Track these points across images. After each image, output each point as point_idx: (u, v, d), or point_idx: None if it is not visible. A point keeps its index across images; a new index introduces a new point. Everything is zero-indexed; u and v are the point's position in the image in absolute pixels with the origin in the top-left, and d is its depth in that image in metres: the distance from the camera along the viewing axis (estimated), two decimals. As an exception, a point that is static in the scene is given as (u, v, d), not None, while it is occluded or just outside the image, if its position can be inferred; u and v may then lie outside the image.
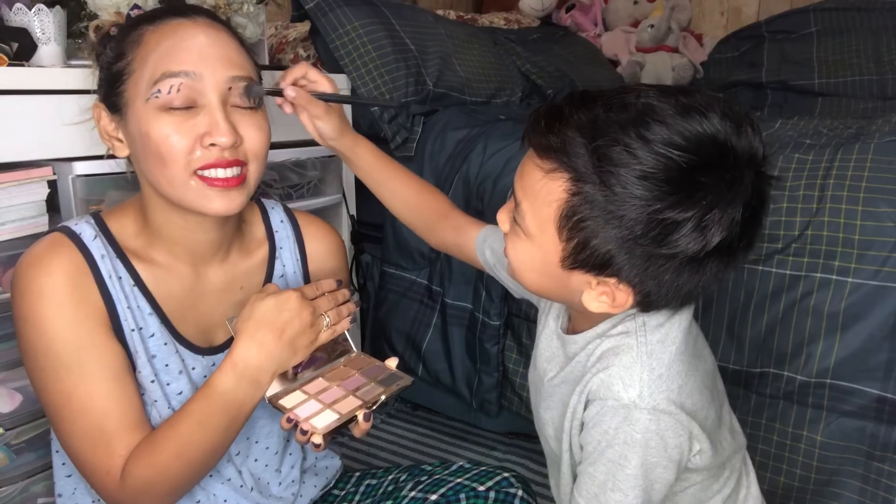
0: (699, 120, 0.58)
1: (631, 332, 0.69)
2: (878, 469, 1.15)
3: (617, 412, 0.66)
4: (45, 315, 0.72)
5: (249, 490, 0.87)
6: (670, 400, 0.66)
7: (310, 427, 0.74)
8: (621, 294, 0.65)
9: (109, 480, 0.74)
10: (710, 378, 0.75)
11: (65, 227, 0.78)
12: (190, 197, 0.74)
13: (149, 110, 0.73)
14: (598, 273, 0.64)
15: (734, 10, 2.91)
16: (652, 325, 0.69)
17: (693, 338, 0.72)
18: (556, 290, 0.69)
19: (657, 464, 0.67)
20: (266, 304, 0.75)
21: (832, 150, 1.24)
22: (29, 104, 0.96)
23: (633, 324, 0.69)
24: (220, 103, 0.74)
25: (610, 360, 0.68)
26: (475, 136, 1.60)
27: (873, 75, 2.13)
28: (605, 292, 0.65)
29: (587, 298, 0.66)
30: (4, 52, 0.98)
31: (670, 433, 0.66)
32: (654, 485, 0.67)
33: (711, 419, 0.71)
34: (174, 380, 0.80)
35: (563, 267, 0.65)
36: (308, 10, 1.69)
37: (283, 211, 0.95)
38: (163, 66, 0.73)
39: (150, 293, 0.80)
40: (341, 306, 0.82)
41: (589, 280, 0.65)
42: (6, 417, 0.95)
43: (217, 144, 0.73)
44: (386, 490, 0.94)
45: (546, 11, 2.80)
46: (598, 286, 0.65)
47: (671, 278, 0.62)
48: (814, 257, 1.18)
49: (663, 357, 0.67)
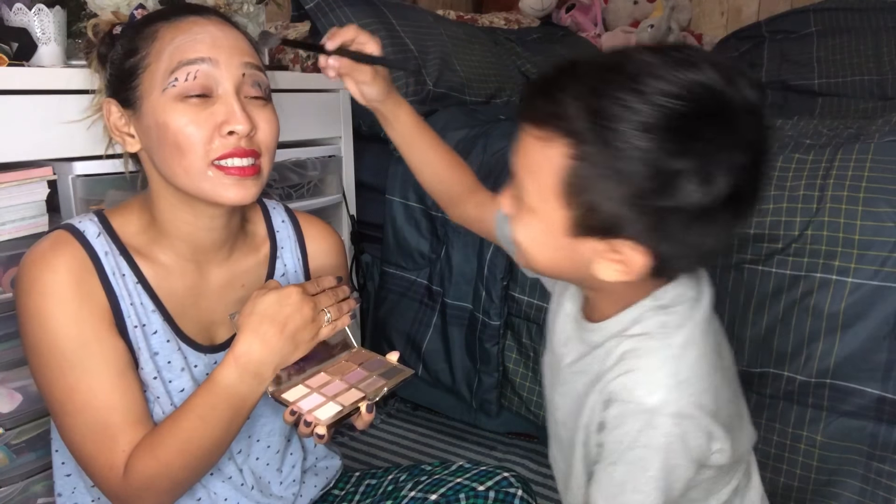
0: (692, 70, 0.57)
1: (652, 333, 0.68)
2: (878, 469, 1.15)
3: (639, 416, 0.65)
4: (49, 311, 0.73)
5: (250, 489, 0.87)
6: (693, 404, 0.65)
7: (313, 419, 0.75)
8: (635, 257, 0.63)
9: (112, 476, 0.74)
10: (731, 373, 0.74)
11: (68, 224, 0.79)
12: (207, 187, 0.75)
13: (166, 100, 0.74)
14: (606, 236, 0.62)
15: (734, 10, 2.91)
16: (673, 325, 0.68)
17: (714, 333, 0.72)
18: (568, 265, 0.67)
19: (678, 465, 0.66)
20: (268, 299, 0.76)
21: (832, 150, 1.24)
22: (29, 104, 0.96)
23: (653, 323, 0.68)
24: (235, 91, 0.75)
25: (632, 362, 0.67)
26: (475, 136, 1.60)
27: (873, 75, 2.13)
28: (618, 259, 0.64)
29: (600, 269, 0.65)
30: (4, 52, 0.98)
31: (692, 435, 0.66)
32: (674, 484, 0.67)
33: (733, 416, 0.71)
34: (176, 377, 0.81)
35: (570, 237, 0.64)
36: (308, 10, 1.70)
37: (284, 211, 0.96)
38: (178, 56, 0.74)
39: (153, 290, 0.80)
40: (342, 302, 0.82)
41: (599, 248, 0.64)
42: (6, 417, 0.95)
43: (235, 132, 0.74)
44: (385, 490, 0.94)
45: (546, 11, 2.80)
46: (609, 254, 0.64)
47: (682, 233, 0.61)
48: (814, 257, 1.18)
49: (687, 360, 0.66)
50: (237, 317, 0.78)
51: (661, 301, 0.69)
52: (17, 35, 1.01)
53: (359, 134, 1.67)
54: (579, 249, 0.64)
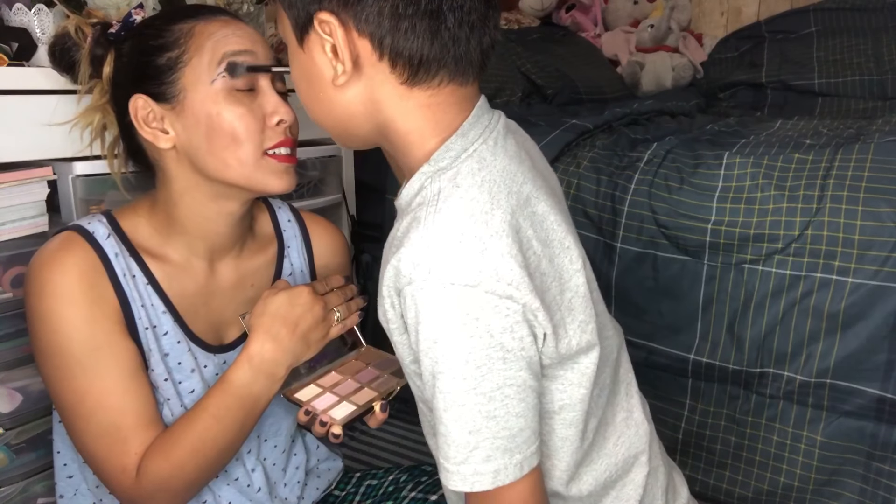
0: None
1: (426, 202, 0.58)
2: (878, 469, 1.15)
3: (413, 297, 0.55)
4: (60, 314, 0.73)
5: (256, 491, 0.87)
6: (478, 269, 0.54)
7: (329, 418, 0.76)
8: (332, 20, 0.57)
9: (125, 478, 0.74)
10: (555, 199, 0.65)
11: (77, 225, 0.78)
12: (259, 176, 0.77)
13: (216, 92, 0.76)
14: (309, 18, 0.58)
15: (734, 10, 2.90)
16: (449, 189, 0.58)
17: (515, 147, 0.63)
18: (326, 99, 0.61)
19: (489, 358, 0.55)
20: (279, 299, 0.77)
21: (832, 150, 1.24)
22: (29, 104, 0.96)
23: (430, 191, 0.59)
24: (273, 84, 0.79)
25: (402, 239, 0.57)
26: (475, 136, 1.60)
27: (873, 75, 2.13)
28: (332, 44, 0.58)
29: (323, 62, 0.59)
30: (4, 52, 0.98)
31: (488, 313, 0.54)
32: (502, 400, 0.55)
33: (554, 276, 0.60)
34: (186, 378, 0.81)
35: (302, 49, 0.61)
36: (308, 10, 1.69)
37: (290, 210, 0.97)
38: (222, 48, 0.76)
39: (164, 291, 0.80)
40: (350, 301, 0.83)
41: (317, 43, 0.59)
42: (6, 417, 0.95)
43: (285, 121, 0.78)
44: (386, 491, 0.94)
45: (546, 11, 2.80)
46: (325, 42, 0.58)
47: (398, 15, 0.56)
48: (814, 257, 1.18)
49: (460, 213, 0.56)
50: (248, 317, 0.78)
51: (440, 164, 0.60)
52: (17, 35, 1.01)
53: (359, 134, 1.67)
54: (315, 69, 0.61)
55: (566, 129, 1.54)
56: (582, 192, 1.42)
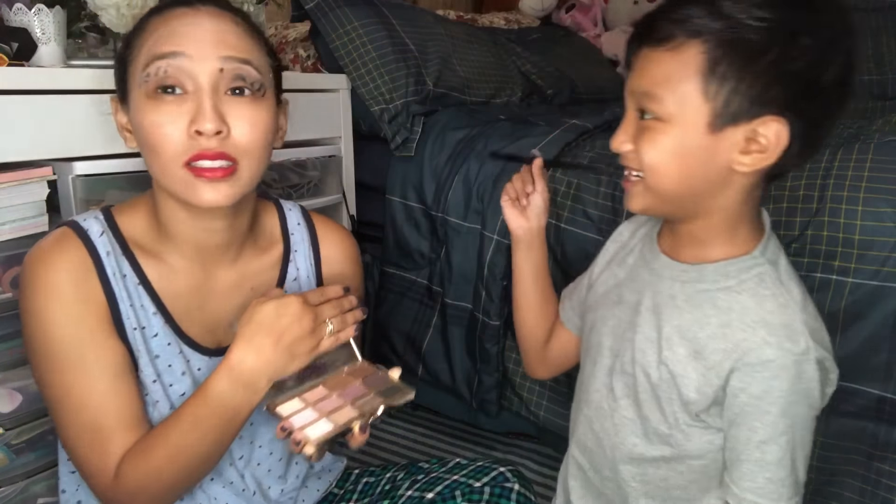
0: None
1: (766, 277, 0.73)
2: (878, 469, 1.15)
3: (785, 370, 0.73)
4: (47, 311, 0.73)
5: (252, 494, 0.87)
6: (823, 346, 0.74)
7: (303, 437, 0.72)
8: (779, 130, 0.66)
9: (103, 479, 0.73)
10: None
11: (72, 221, 0.78)
12: (180, 188, 0.73)
13: (141, 98, 0.72)
14: (749, 117, 0.66)
15: (734, 10, 2.90)
16: (786, 277, 0.74)
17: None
18: (701, 174, 0.70)
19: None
20: (266, 308, 0.74)
21: (832, 150, 1.24)
22: (29, 104, 0.96)
23: (771, 280, 0.73)
24: (211, 88, 0.71)
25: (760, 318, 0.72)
26: (475, 136, 1.60)
27: (873, 75, 2.13)
28: (756, 149, 0.67)
29: (739, 159, 0.68)
30: (4, 52, 0.98)
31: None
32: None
33: None
34: (177, 381, 0.80)
35: (712, 132, 0.67)
36: (308, 10, 1.69)
37: (301, 213, 0.94)
38: (154, 50, 0.72)
39: (156, 292, 0.79)
40: (346, 314, 0.79)
41: (737, 139, 0.67)
42: (6, 417, 0.95)
43: (202, 132, 0.70)
44: (383, 489, 0.94)
45: (546, 11, 2.81)
46: (748, 144, 0.67)
47: (814, 97, 0.66)
48: (814, 257, 1.17)
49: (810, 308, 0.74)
50: (236, 324, 0.76)
51: (768, 254, 0.74)
52: (17, 35, 1.01)
53: (359, 134, 1.67)
54: (718, 148, 0.68)
55: (566, 129, 1.54)
56: (582, 192, 1.42)
